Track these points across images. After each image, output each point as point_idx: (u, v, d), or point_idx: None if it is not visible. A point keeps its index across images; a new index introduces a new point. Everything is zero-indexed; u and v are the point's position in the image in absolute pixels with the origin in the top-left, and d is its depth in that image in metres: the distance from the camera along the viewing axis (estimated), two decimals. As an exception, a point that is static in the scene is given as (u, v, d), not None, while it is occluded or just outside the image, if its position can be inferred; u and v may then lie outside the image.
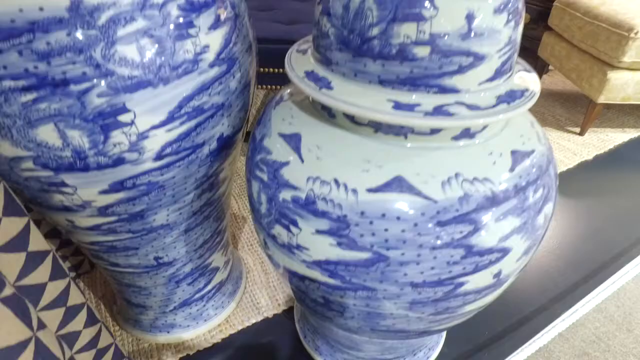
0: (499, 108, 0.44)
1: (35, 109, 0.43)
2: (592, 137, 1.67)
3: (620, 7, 1.53)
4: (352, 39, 0.43)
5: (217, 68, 0.52)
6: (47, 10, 0.41)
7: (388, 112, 0.42)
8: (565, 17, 1.74)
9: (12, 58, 0.41)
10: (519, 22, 0.45)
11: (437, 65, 0.42)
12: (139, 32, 0.44)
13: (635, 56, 1.45)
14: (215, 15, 0.52)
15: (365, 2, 0.41)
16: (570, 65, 1.72)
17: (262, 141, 0.54)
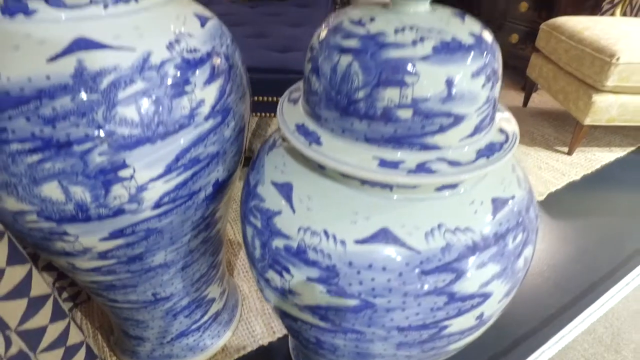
0: (479, 163, 0.47)
1: (40, 169, 0.46)
2: (579, 157, 1.71)
3: (602, 32, 1.58)
4: (339, 99, 0.46)
5: (212, 120, 0.55)
6: (53, 78, 0.43)
7: (374, 170, 0.45)
8: (551, 40, 1.79)
9: (20, 123, 0.43)
10: (495, 82, 0.48)
11: (420, 125, 0.45)
12: (138, 93, 0.47)
13: (617, 80, 1.49)
14: (210, 70, 0.54)
15: (351, 67, 0.44)
16: (557, 87, 1.76)
17: (256, 188, 0.57)
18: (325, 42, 0.47)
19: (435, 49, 0.42)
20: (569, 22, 1.75)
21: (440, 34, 0.44)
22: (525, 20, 2.19)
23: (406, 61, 0.42)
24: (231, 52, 0.61)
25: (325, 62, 0.47)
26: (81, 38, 0.45)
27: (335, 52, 0.46)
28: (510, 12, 2.25)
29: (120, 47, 0.47)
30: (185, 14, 0.56)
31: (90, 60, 0.45)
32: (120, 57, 0.46)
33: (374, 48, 0.43)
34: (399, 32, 0.44)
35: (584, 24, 1.69)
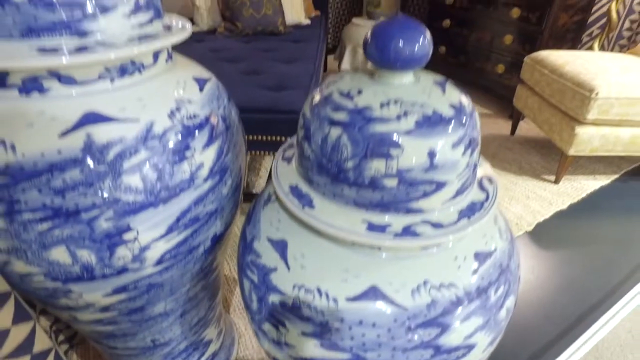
0: (461, 224, 0.50)
1: (49, 235, 0.48)
2: (566, 186, 1.76)
3: (582, 67, 1.66)
4: (330, 167, 0.50)
5: (210, 181, 0.58)
6: (64, 153, 0.47)
7: (363, 234, 0.48)
8: (535, 73, 1.86)
9: (33, 195, 0.46)
10: (475, 148, 0.52)
11: (405, 193, 0.48)
12: (142, 162, 0.50)
13: (597, 113, 1.56)
14: (209, 134, 0.58)
15: (341, 139, 0.48)
16: (542, 118, 1.83)
17: (253, 243, 0.60)
18: (317, 112, 0.51)
19: (418, 123, 0.46)
20: (550, 57, 1.82)
21: (422, 107, 0.48)
22: (510, 52, 2.28)
23: (391, 135, 0.46)
24: (228, 112, 0.65)
25: (317, 132, 0.51)
26: (90, 112, 0.49)
27: (326, 124, 0.49)
28: (495, 44, 2.34)
29: (125, 119, 0.50)
30: (185, 78, 0.60)
31: (98, 133, 0.48)
32: (125, 129, 0.50)
33: (361, 122, 0.47)
34: (384, 106, 0.48)
35: (564, 59, 1.76)
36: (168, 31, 0.57)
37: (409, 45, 0.48)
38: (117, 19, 0.51)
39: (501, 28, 2.28)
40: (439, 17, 2.59)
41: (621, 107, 1.55)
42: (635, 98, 1.54)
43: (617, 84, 1.54)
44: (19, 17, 0.46)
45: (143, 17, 0.54)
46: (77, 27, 0.48)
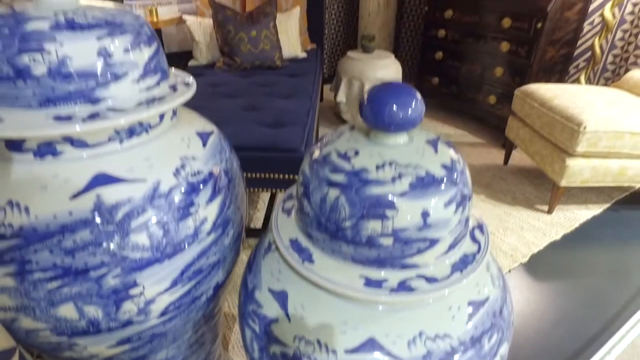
0: (454, 277, 0.53)
1: (58, 293, 0.50)
2: (559, 216, 1.79)
3: (570, 101, 1.71)
4: (329, 225, 0.52)
5: (213, 234, 0.61)
6: (75, 214, 0.49)
7: (360, 290, 0.50)
8: (525, 106, 1.92)
9: (44, 255, 0.48)
10: (466, 205, 0.55)
11: (400, 250, 0.51)
12: (149, 221, 0.53)
13: (586, 146, 1.60)
14: (212, 189, 0.61)
15: (339, 200, 0.51)
16: (534, 149, 1.87)
17: (254, 293, 0.62)
18: (316, 173, 0.54)
19: (412, 185, 0.49)
20: (540, 90, 1.88)
21: (416, 169, 0.51)
22: (501, 84, 2.35)
23: (387, 197, 0.49)
24: (230, 164, 0.67)
25: (316, 192, 0.53)
26: (100, 174, 0.51)
27: (325, 185, 0.52)
28: (487, 76, 2.41)
29: (133, 180, 0.53)
30: (189, 134, 0.63)
31: (107, 194, 0.51)
32: (133, 189, 0.52)
33: (358, 184, 0.50)
34: (379, 168, 0.51)
35: (553, 92, 1.82)
36: (174, 92, 0.60)
37: (402, 109, 0.51)
38: (127, 85, 0.54)
39: (492, 61, 2.36)
40: (432, 49, 2.67)
41: (608, 140, 1.60)
42: (621, 131, 1.59)
43: (604, 118, 1.59)
44: (38, 89, 0.49)
45: (151, 81, 0.58)
46: (90, 95, 0.51)
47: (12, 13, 0.49)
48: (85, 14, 0.51)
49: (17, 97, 0.49)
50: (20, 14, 0.49)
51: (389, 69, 2.26)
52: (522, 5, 2.15)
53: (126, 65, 0.54)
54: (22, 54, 0.47)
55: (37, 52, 0.48)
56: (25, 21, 0.48)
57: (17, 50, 0.47)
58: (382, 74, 2.23)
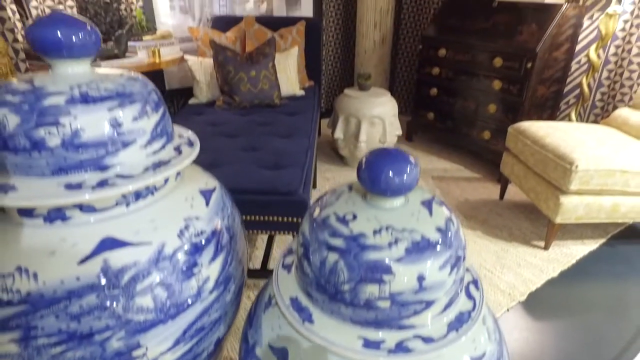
0: (451, 336, 0.54)
1: (62, 358, 0.51)
2: (556, 252, 1.81)
3: (561, 139, 1.76)
4: (328, 288, 0.54)
5: (215, 292, 0.62)
6: (82, 279, 0.50)
7: (359, 351, 0.51)
8: (518, 143, 1.96)
9: (50, 321, 0.50)
10: (460, 265, 0.57)
11: (397, 312, 0.52)
12: (154, 283, 0.54)
13: (579, 184, 1.63)
14: (215, 248, 0.62)
15: (338, 264, 0.53)
16: (528, 186, 1.90)
17: (255, 348, 0.63)
18: (315, 236, 0.56)
19: (408, 250, 0.51)
20: (532, 127, 1.93)
21: (411, 233, 0.53)
22: (494, 120, 2.40)
23: (384, 262, 0.51)
24: (231, 220, 0.69)
25: (316, 254, 0.55)
26: (107, 238, 0.53)
27: (324, 248, 0.54)
28: (480, 112, 2.47)
29: (139, 243, 0.55)
30: (193, 193, 0.66)
31: (114, 259, 0.52)
32: (139, 253, 0.54)
33: (356, 249, 0.52)
34: (377, 233, 0.53)
35: (545, 130, 1.87)
36: (179, 154, 0.62)
37: (398, 176, 0.54)
38: (135, 151, 0.57)
39: (485, 97, 2.42)
40: (427, 85, 2.75)
41: (600, 178, 1.64)
42: (612, 170, 1.62)
43: (595, 156, 1.63)
44: (52, 159, 0.51)
45: (157, 145, 0.60)
46: (99, 163, 0.54)
47: (32, 89, 0.52)
48: (98, 86, 0.55)
49: (32, 167, 0.51)
50: (39, 89, 0.52)
51: (385, 107, 2.31)
52: (513, 46, 2.23)
53: (134, 133, 0.56)
54: (39, 127, 0.50)
55: (52, 126, 0.50)
56: (44, 97, 0.51)
57: (35, 124, 0.50)
58: (379, 112, 2.29)
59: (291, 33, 2.47)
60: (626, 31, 2.16)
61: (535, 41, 2.15)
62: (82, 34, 0.55)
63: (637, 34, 2.13)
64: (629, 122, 1.94)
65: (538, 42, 2.13)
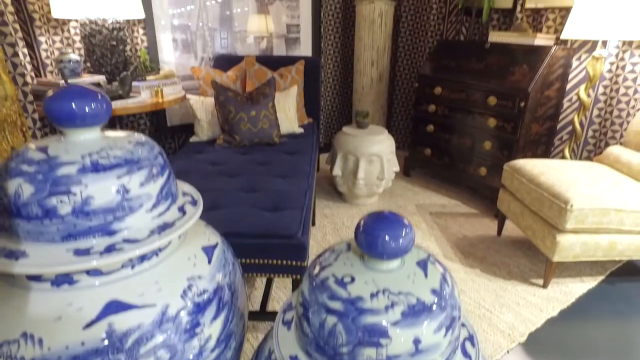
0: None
1: None
2: (555, 290, 1.81)
3: (555, 178, 1.79)
4: (327, 349, 0.55)
5: (217, 350, 0.63)
6: (87, 344, 0.52)
7: (358, 416, 0.52)
8: (514, 181, 2.00)
9: (54, 388, 0.51)
10: (455, 326, 0.58)
11: (394, 375, 0.53)
12: (157, 345, 0.56)
13: (575, 223, 1.65)
14: (217, 306, 0.64)
15: (336, 327, 0.54)
16: (525, 223, 1.92)
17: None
18: (315, 298, 0.58)
19: (404, 314, 0.53)
20: (527, 166, 1.97)
21: (407, 296, 0.55)
22: (490, 157, 2.45)
23: (380, 326, 0.52)
24: (233, 277, 0.71)
25: (315, 316, 0.57)
26: (112, 301, 0.55)
27: (323, 311, 0.56)
28: (476, 149, 2.52)
29: (143, 305, 0.56)
30: (195, 251, 0.67)
31: (118, 322, 0.54)
32: (143, 315, 0.56)
33: (354, 313, 0.54)
34: (374, 297, 0.55)
35: (539, 169, 1.91)
36: (183, 215, 0.65)
37: (394, 240, 0.56)
38: (141, 215, 0.59)
39: (480, 134, 2.47)
40: (423, 122, 2.81)
41: (595, 217, 1.66)
42: (607, 209, 1.65)
43: (589, 195, 1.66)
44: (62, 225, 0.54)
45: (162, 207, 0.63)
46: (107, 228, 0.56)
47: (46, 158, 0.55)
48: (108, 154, 0.58)
49: (42, 233, 0.54)
50: (53, 159, 0.55)
51: (382, 144, 2.36)
52: (506, 86, 2.30)
53: (141, 198, 0.59)
54: (52, 196, 0.53)
55: (64, 195, 0.53)
56: (58, 167, 0.54)
57: (48, 193, 0.53)
58: (376, 149, 2.33)
59: (290, 72, 2.55)
60: (613, 72, 2.24)
61: (527, 81, 2.22)
62: (94, 104, 0.58)
63: (622, 75, 2.21)
64: (621, 159, 1.98)
65: (530, 83, 2.20)
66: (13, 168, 0.54)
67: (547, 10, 2.48)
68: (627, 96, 2.21)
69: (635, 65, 2.16)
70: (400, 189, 2.81)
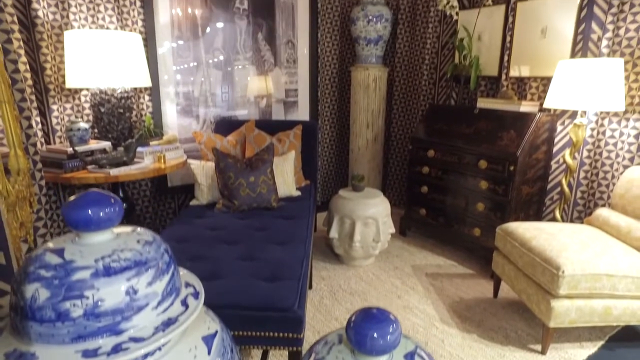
0: None
1: None
2: (554, 356, 1.80)
3: (547, 243, 1.84)
4: None
5: None
6: None
7: None
8: (507, 244, 2.04)
9: None
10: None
11: None
12: None
13: (568, 289, 1.68)
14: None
15: None
16: (520, 287, 1.95)
17: None
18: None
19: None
20: (519, 229, 2.02)
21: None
22: (483, 218, 2.50)
23: None
24: (231, 364, 0.74)
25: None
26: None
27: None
28: (470, 210, 2.58)
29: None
30: (196, 342, 0.71)
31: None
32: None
33: None
34: None
35: (531, 233, 1.96)
36: (186, 309, 0.69)
37: (382, 338, 0.60)
38: (147, 313, 0.63)
39: (473, 196, 2.55)
40: (417, 183, 2.89)
41: (587, 282, 1.69)
42: (598, 274, 1.68)
43: (580, 261, 1.70)
44: (73, 328, 0.58)
45: (167, 303, 0.67)
46: (115, 328, 0.60)
47: (63, 263, 0.60)
48: (119, 257, 0.63)
49: (54, 335, 0.58)
50: (69, 263, 0.60)
51: (378, 207, 2.42)
52: (495, 150, 2.41)
53: (148, 297, 0.63)
54: (66, 301, 0.57)
55: (77, 299, 0.58)
56: (73, 272, 0.59)
57: (62, 298, 0.57)
58: (372, 212, 2.39)
59: (289, 137, 2.67)
60: (595, 137, 2.36)
61: (515, 146, 2.32)
62: (108, 209, 0.65)
63: (604, 140, 2.32)
64: (609, 222, 2.04)
65: (518, 148, 2.31)
66: (31, 272, 0.59)
67: (530, 79, 2.65)
68: (610, 159, 2.31)
69: (614, 131, 2.28)
70: (396, 249, 2.84)
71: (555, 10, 2.45)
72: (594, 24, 2.25)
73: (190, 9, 2.80)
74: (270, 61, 3.21)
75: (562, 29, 2.43)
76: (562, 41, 2.44)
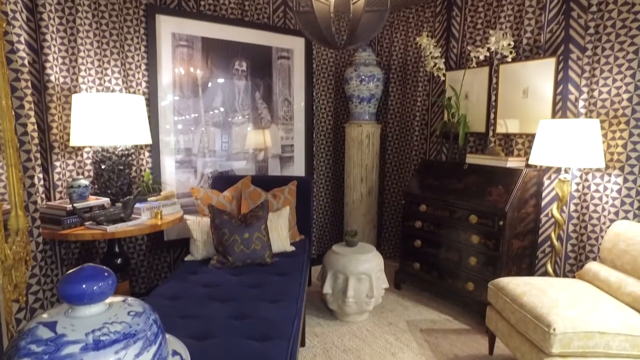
0: None
1: None
2: (552, 419, 1.75)
3: (537, 299, 1.85)
4: None
5: None
6: None
7: None
8: (499, 300, 2.05)
9: None
10: None
11: None
12: None
13: (561, 347, 1.67)
14: None
15: None
16: (514, 344, 1.93)
17: None
18: None
19: None
20: (510, 285, 2.04)
21: None
22: (476, 272, 2.52)
23: None
24: None
25: None
26: None
27: None
28: (463, 264, 2.60)
29: None
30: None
31: None
32: None
33: None
34: None
35: (521, 289, 1.97)
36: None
37: None
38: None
39: (466, 250, 2.58)
40: (411, 237, 2.93)
41: (580, 341, 1.68)
42: (590, 332, 1.68)
43: (570, 318, 1.70)
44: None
45: (153, 374, 0.70)
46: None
47: (54, 337, 0.63)
48: (109, 330, 0.66)
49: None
50: (60, 337, 0.63)
51: (371, 263, 2.44)
52: (485, 205, 2.47)
53: (135, 370, 0.66)
54: (54, 377, 0.60)
55: (66, 374, 0.60)
56: (63, 347, 0.62)
57: (51, 374, 0.60)
58: (365, 268, 2.41)
59: (283, 193, 2.73)
60: (580, 192, 2.43)
61: (504, 202, 2.39)
62: (102, 284, 0.69)
63: (589, 194, 2.39)
64: (599, 277, 2.06)
65: (506, 203, 2.37)
66: (22, 347, 0.63)
67: (516, 135, 2.76)
68: (597, 212, 2.36)
69: (598, 185, 2.35)
70: (391, 304, 2.82)
71: (534, 73, 2.61)
72: (570, 86, 2.40)
73: (192, 69, 2.96)
74: (267, 118, 3.35)
75: (542, 90, 2.57)
76: (543, 101, 2.57)
